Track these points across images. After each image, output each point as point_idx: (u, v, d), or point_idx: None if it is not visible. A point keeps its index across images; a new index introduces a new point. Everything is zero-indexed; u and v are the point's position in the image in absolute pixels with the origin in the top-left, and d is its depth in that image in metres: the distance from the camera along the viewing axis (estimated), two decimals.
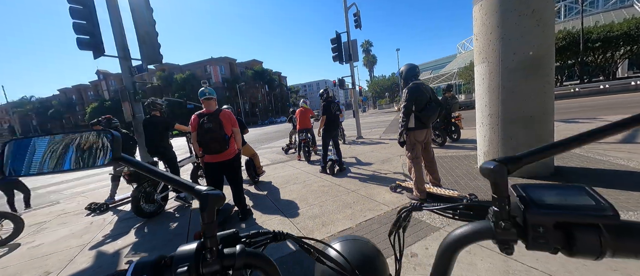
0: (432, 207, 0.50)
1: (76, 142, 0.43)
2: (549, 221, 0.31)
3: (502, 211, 0.34)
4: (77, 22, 4.87)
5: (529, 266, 1.77)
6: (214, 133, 2.86)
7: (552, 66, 3.25)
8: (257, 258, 0.36)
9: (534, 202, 0.32)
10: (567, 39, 20.84)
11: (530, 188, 0.35)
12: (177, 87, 47.20)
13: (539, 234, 0.31)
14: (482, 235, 0.36)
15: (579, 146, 0.35)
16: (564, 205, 0.31)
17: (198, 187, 0.38)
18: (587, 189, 0.33)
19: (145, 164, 0.42)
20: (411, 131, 3.08)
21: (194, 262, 0.33)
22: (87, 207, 4.35)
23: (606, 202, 0.31)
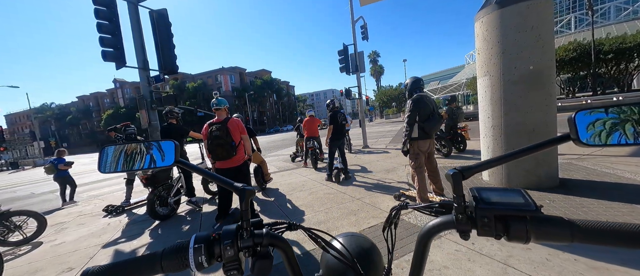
0: (416, 206, 0.61)
1: (145, 147, 0.57)
2: (491, 214, 0.40)
3: (459, 207, 0.42)
4: (103, 36, 5.27)
5: (526, 274, 1.82)
6: (221, 140, 3.03)
7: (552, 80, 3.33)
8: (278, 240, 0.47)
9: (482, 200, 0.42)
10: (578, 50, 20.56)
11: (482, 190, 0.44)
12: (189, 95, 48.63)
13: (485, 223, 0.40)
14: (446, 226, 0.45)
15: (515, 159, 0.46)
16: (502, 203, 0.41)
17: (236, 184, 0.51)
18: (522, 191, 0.43)
19: (198, 166, 0.56)
20: (415, 141, 3.20)
21: (235, 238, 0.44)
22: (105, 209, 4.58)
23: (532, 200, 0.40)
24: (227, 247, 0.43)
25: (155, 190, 3.82)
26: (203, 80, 53.91)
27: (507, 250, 2.10)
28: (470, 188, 0.46)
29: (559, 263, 1.89)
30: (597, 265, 1.83)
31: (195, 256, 0.42)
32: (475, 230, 0.42)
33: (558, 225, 0.38)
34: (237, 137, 3.13)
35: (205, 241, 0.43)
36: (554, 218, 0.39)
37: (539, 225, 0.38)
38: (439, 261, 2.10)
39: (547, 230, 0.38)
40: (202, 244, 0.43)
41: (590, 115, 0.40)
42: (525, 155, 0.45)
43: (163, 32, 6.02)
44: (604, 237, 0.35)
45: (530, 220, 0.38)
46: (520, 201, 0.41)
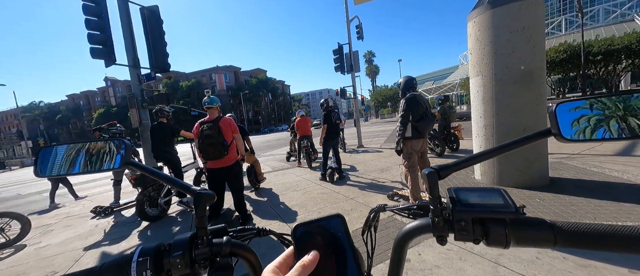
0: (394, 208, 0.57)
1: (90, 148, 0.51)
2: (468, 216, 0.37)
3: (436, 209, 0.39)
4: (92, 32, 5.13)
5: (517, 273, 1.83)
6: (212, 139, 2.96)
7: (543, 80, 3.37)
8: (240, 248, 0.43)
9: (460, 201, 0.39)
10: (568, 51, 21.00)
11: (460, 191, 0.41)
12: (183, 94, 48.02)
13: (462, 227, 0.37)
14: (423, 230, 0.41)
15: (492, 156, 0.44)
16: (481, 204, 0.38)
17: (193, 187, 0.47)
18: (502, 191, 0.39)
19: (150, 167, 0.50)
20: (408, 140, 3.19)
21: (188, 248, 0.39)
22: (93, 210, 4.47)
23: (512, 201, 0.37)
24: (176, 260, 0.38)
25: (145, 190, 3.73)
26: (197, 79, 53.30)
27: (498, 249, 2.09)
28: (448, 189, 0.42)
29: (548, 262, 1.90)
30: (586, 262, 1.84)
31: (139, 271, 0.37)
32: (452, 233, 0.38)
33: (540, 228, 0.35)
34: (229, 136, 3.07)
35: (152, 253, 0.39)
36: (536, 221, 0.36)
37: (519, 228, 0.35)
38: (430, 260, 2.09)
39: (528, 234, 0.35)
40: (148, 257, 0.38)
41: (573, 111, 0.38)
42: (505, 151, 0.42)
43: (154, 29, 5.90)
44: (588, 240, 0.33)
45: (510, 223, 0.36)
46: (499, 202, 0.38)
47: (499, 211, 0.36)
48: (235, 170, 3.20)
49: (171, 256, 0.38)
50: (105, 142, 0.52)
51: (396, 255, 0.46)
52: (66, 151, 0.51)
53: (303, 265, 0.30)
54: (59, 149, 0.52)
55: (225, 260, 0.41)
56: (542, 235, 0.35)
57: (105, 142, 0.52)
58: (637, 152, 4.72)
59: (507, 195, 0.39)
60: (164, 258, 0.39)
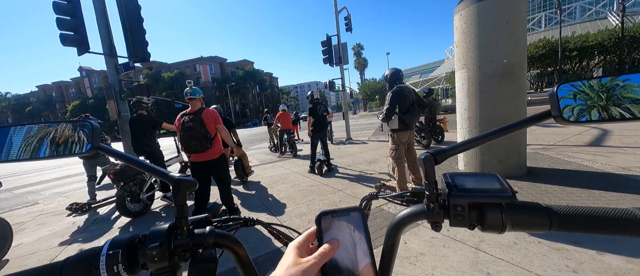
0: (386, 196, 0.57)
1: (54, 131, 0.45)
2: (465, 202, 0.37)
3: (431, 195, 0.39)
4: (60, 17, 4.75)
5: (497, 257, 1.92)
6: (194, 131, 2.85)
7: (524, 73, 3.49)
8: (225, 239, 0.40)
9: (456, 186, 0.38)
10: (547, 47, 21.95)
11: (456, 176, 0.41)
12: (165, 86, 46.13)
13: (458, 213, 0.37)
14: (417, 216, 0.41)
15: (490, 140, 0.43)
16: (477, 189, 0.37)
17: (171, 173, 0.43)
18: (498, 177, 0.39)
19: (124, 153, 0.46)
20: (395, 132, 3.23)
21: (167, 240, 0.36)
22: (69, 207, 4.24)
23: (508, 186, 0.37)
24: (152, 251, 0.35)
25: (126, 185, 3.57)
26: (180, 70, 51.23)
27: (479, 236, 2.19)
28: (444, 174, 0.42)
29: (525, 246, 2.01)
30: (558, 246, 1.96)
31: (109, 265, 0.34)
32: (447, 220, 0.38)
33: (535, 212, 0.35)
34: (212, 129, 2.95)
35: (124, 245, 0.35)
36: (531, 205, 0.36)
37: (515, 213, 0.35)
38: (415, 248, 2.15)
39: (523, 218, 0.35)
40: (119, 249, 0.35)
41: (574, 92, 0.37)
42: (504, 134, 0.42)
43: (131, 15, 5.54)
44: (582, 223, 0.33)
45: (506, 208, 0.36)
46: (496, 187, 0.37)
47: (496, 195, 0.36)
48: (220, 164, 3.10)
49: (147, 248, 0.35)
50: (72, 124, 0.46)
51: (389, 241, 0.45)
52: (26, 133, 0.45)
53: (324, 252, 0.31)
54: (16, 130, 0.45)
55: (208, 252, 0.38)
56: (537, 219, 0.35)
57: (72, 124, 0.46)
58: (605, 143, 5.04)
59: (504, 180, 0.39)
60: (138, 251, 0.36)
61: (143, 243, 0.37)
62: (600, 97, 0.36)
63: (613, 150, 4.43)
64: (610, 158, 4.01)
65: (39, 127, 0.45)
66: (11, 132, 0.45)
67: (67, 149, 0.44)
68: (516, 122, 0.41)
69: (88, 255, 0.35)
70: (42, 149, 0.44)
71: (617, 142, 4.96)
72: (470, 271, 1.80)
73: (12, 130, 0.45)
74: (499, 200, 0.36)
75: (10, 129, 0.45)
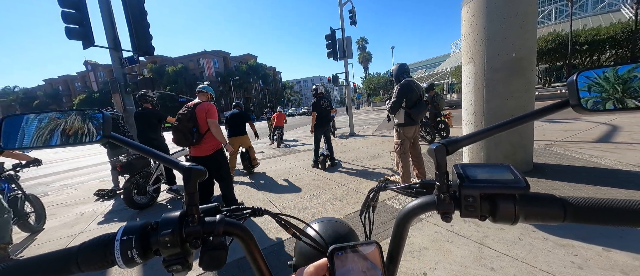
0: (395, 187, 0.56)
1: (65, 121, 0.45)
2: (477, 192, 0.36)
3: (442, 186, 0.39)
4: (66, 10, 4.77)
5: (501, 253, 1.91)
6: (179, 124, 2.83)
7: (533, 67, 3.41)
8: (235, 227, 0.41)
9: (467, 177, 0.38)
10: (556, 41, 21.39)
11: (467, 167, 0.40)
12: (169, 80, 46.29)
13: (469, 203, 0.36)
14: (427, 207, 0.40)
15: (505, 129, 0.42)
16: (489, 180, 0.37)
17: (182, 162, 0.43)
18: (511, 167, 0.39)
19: (135, 142, 0.46)
20: (401, 127, 3.21)
21: (178, 227, 0.36)
22: (96, 193, 4.28)
23: (522, 176, 0.36)
24: (165, 238, 0.35)
25: (132, 177, 3.63)
26: (184, 64, 51.30)
27: (483, 231, 2.19)
28: (455, 165, 0.42)
29: (530, 242, 2.00)
30: (564, 242, 1.95)
31: (123, 250, 0.34)
32: (458, 211, 0.38)
33: (549, 203, 0.34)
34: (203, 123, 2.88)
35: (138, 231, 0.36)
36: (545, 196, 0.35)
37: (529, 204, 0.35)
38: (419, 243, 2.16)
39: (537, 209, 0.35)
40: (133, 235, 0.35)
41: (594, 80, 0.36)
42: (520, 123, 0.41)
43: (135, 8, 5.54)
44: (598, 215, 0.33)
45: (519, 199, 0.35)
46: (509, 177, 0.37)
47: (509, 186, 0.35)
48: (215, 159, 3.03)
49: (159, 235, 0.36)
50: (83, 112, 0.46)
51: (398, 233, 0.45)
52: (38, 122, 0.45)
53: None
54: (29, 118, 0.45)
55: (219, 239, 0.38)
56: (551, 211, 0.34)
57: (83, 112, 0.46)
58: (615, 139, 4.94)
59: (517, 171, 0.38)
60: (151, 237, 0.36)
61: (155, 229, 0.37)
62: (616, 88, 0.35)
63: (622, 147, 4.35)
64: (620, 154, 3.93)
65: (51, 116, 0.45)
66: (24, 121, 0.45)
67: (78, 138, 0.45)
68: (533, 111, 0.40)
69: (103, 241, 0.36)
70: (54, 138, 0.44)
71: (627, 138, 4.86)
72: (474, 266, 1.80)
73: (24, 118, 0.45)
74: (512, 191, 0.35)
75: (23, 117, 0.45)
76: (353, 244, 0.41)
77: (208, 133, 2.93)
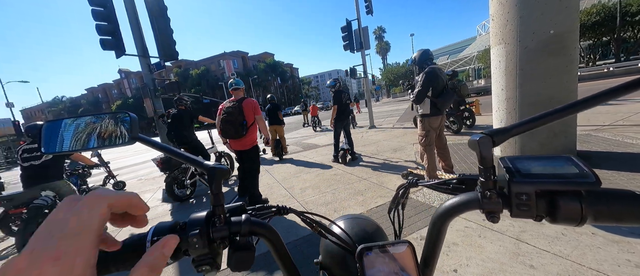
0: (428, 183, 0.52)
1: (99, 125, 0.47)
2: (531, 189, 0.32)
3: (487, 182, 0.35)
4: (99, 23, 5.15)
5: (541, 249, 1.76)
6: (231, 116, 3.03)
7: (575, 45, 3.06)
8: (261, 227, 0.40)
9: (518, 171, 0.33)
10: (602, 13, 19.03)
11: (517, 160, 0.36)
12: (193, 83, 48.59)
13: (522, 202, 0.32)
14: (469, 206, 0.37)
15: (565, 116, 0.34)
16: (547, 174, 0.32)
17: (206, 162, 0.43)
18: (573, 159, 0.34)
19: (161, 143, 0.47)
20: (426, 118, 3.05)
21: (205, 227, 0.37)
22: None
23: (590, 170, 0.31)
24: (193, 239, 0.35)
25: (172, 173, 3.99)
26: (206, 66, 53.49)
27: (520, 226, 2.03)
28: (501, 158, 0.37)
29: (575, 238, 1.82)
30: (617, 238, 1.75)
31: None
32: (508, 210, 0.34)
33: (629, 201, 0.29)
34: (250, 117, 3.10)
35: (167, 232, 0.37)
36: (622, 193, 0.30)
37: (599, 203, 0.30)
38: (447, 238, 2.06)
39: (611, 209, 0.29)
40: (162, 236, 0.36)
41: None
42: (588, 106, 0.32)
43: (159, 16, 5.83)
44: None
45: (587, 196, 0.30)
46: (573, 171, 0.32)
47: (574, 181, 0.31)
48: (251, 154, 3.26)
49: (188, 235, 0.36)
50: (115, 116, 0.48)
51: (435, 232, 0.41)
52: (75, 125, 0.47)
53: None
54: (67, 123, 0.47)
55: (246, 239, 0.38)
56: (631, 210, 0.28)
57: (115, 116, 0.48)
58: None
59: (582, 163, 0.33)
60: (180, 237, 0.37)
61: (184, 229, 0.37)
62: None
63: None
64: None
65: (87, 120, 0.48)
66: (62, 126, 0.47)
67: (112, 140, 0.46)
68: (604, 92, 0.31)
69: (136, 241, 0.37)
70: (91, 141, 0.47)
71: None
72: (511, 263, 1.68)
73: (62, 123, 0.47)
74: (578, 186, 0.30)
75: (61, 122, 0.47)
76: (383, 244, 0.39)
77: (251, 128, 3.13)
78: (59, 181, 3.09)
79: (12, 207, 3.04)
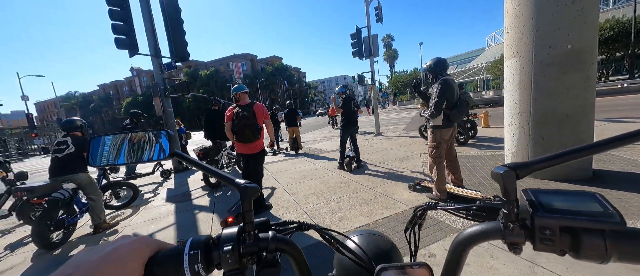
0: (447, 207, 0.51)
1: (133, 139, 0.53)
2: (555, 224, 0.32)
3: (510, 214, 0.35)
4: (115, 23, 5.27)
5: (557, 275, 1.67)
6: (248, 121, 3.07)
7: (594, 60, 2.97)
8: (286, 244, 0.42)
9: (542, 205, 0.34)
10: (616, 28, 18.74)
11: (540, 193, 0.37)
12: (202, 83, 49.37)
13: (546, 236, 0.33)
14: (491, 235, 0.37)
15: (593, 153, 0.35)
16: (571, 210, 0.33)
17: (237, 180, 0.44)
18: (598, 196, 0.34)
19: (195, 159, 0.51)
20: (438, 130, 2.97)
21: (237, 243, 0.39)
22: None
23: (614, 209, 0.32)
24: (227, 255, 0.37)
25: (208, 163, 4.32)
26: (215, 67, 54.37)
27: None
28: (524, 191, 0.38)
29: (595, 264, 1.72)
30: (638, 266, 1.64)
31: (191, 265, 0.36)
32: (530, 242, 0.34)
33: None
34: (261, 121, 3.15)
35: (202, 246, 0.38)
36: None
37: (625, 242, 0.30)
38: None
39: (636, 249, 0.30)
40: (198, 250, 0.37)
41: None
42: (628, 142, 0.33)
43: (173, 18, 5.95)
44: None
45: (611, 234, 0.30)
46: (597, 209, 0.33)
47: (598, 219, 0.31)
48: (258, 157, 3.29)
49: (221, 251, 0.38)
50: (147, 132, 0.53)
51: (454, 259, 0.41)
52: (112, 140, 0.53)
53: None
54: (107, 139, 0.53)
55: (272, 256, 0.40)
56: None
57: (147, 132, 0.53)
58: None
59: (606, 201, 0.33)
60: (213, 252, 0.38)
61: (217, 244, 0.39)
62: None
63: None
64: None
65: (124, 136, 0.54)
66: (103, 140, 0.53)
67: (149, 155, 0.52)
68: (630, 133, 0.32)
69: (173, 254, 0.38)
70: (128, 155, 0.53)
71: None
72: None
73: (102, 139, 0.53)
74: (602, 225, 0.31)
75: (100, 139, 0.54)
76: (402, 265, 0.39)
77: (261, 132, 3.19)
78: (81, 174, 3.25)
79: (33, 197, 3.19)
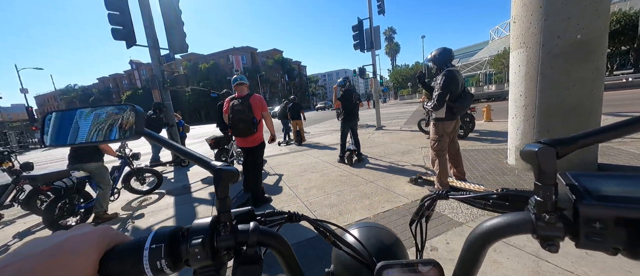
0: (460, 196, 0.45)
1: (104, 116, 0.45)
2: (608, 215, 0.26)
3: (547, 202, 0.28)
4: (111, 13, 5.15)
5: (564, 269, 1.64)
6: (242, 114, 2.97)
7: (604, 52, 2.89)
8: (270, 237, 0.36)
9: (589, 192, 0.27)
10: (622, 21, 18.41)
11: (584, 177, 0.30)
12: (202, 76, 49.01)
13: (595, 230, 0.26)
14: (519, 229, 0.31)
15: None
16: (630, 198, 0.26)
17: (213, 162, 0.38)
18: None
19: (165, 138, 0.44)
20: (440, 122, 2.90)
21: (209, 235, 0.33)
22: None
23: None
24: (195, 249, 0.31)
25: (219, 151, 4.70)
26: (215, 60, 53.85)
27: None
28: (563, 174, 0.31)
29: (601, 258, 1.69)
30: None
31: (152, 260, 0.31)
32: (570, 238, 0.28)
33: None
34: (258, 114, 3.05)
35: (167, 239, 0.32)
36: None
37: None
38: (459, 250, 1.95)
39: None
40: (162, 244, 0.31)
41: None
42: None
43: (170, 9, 5.82)
44: None
45: None
46: None
47: None
48: (257, 151, 3.22)
49: (189, 244, 0.32)
50: (116, 108, 0.45)
51: (470, 255, 0.35)
52: (75, 117, 0.45)
53: None
54: (66, 115, 0.45)
55: (253, 251, 0.34)
56: None
57: (116, 108, 0.45)
58: None
59: None
60: (181, 245, 0.33)
61: (186, 237, 0.33)
62: None
63: None
64: None
65: (85, 110, 0.45)
66: (60, 117, 0.45)
67: (110, 134, 0.44)
68: None
69: (134, 247, 0.32)
70: (93, 135, 0.44)
71: None
72: None
73: (60, 115, 0.45)
74: None
75: (58, 114, 0.45)
76: (407, 263, 0.36)
77: (259, 125, 3.09)
78: (93, 163, 3.27)
79: (38, 185, 3.21)
